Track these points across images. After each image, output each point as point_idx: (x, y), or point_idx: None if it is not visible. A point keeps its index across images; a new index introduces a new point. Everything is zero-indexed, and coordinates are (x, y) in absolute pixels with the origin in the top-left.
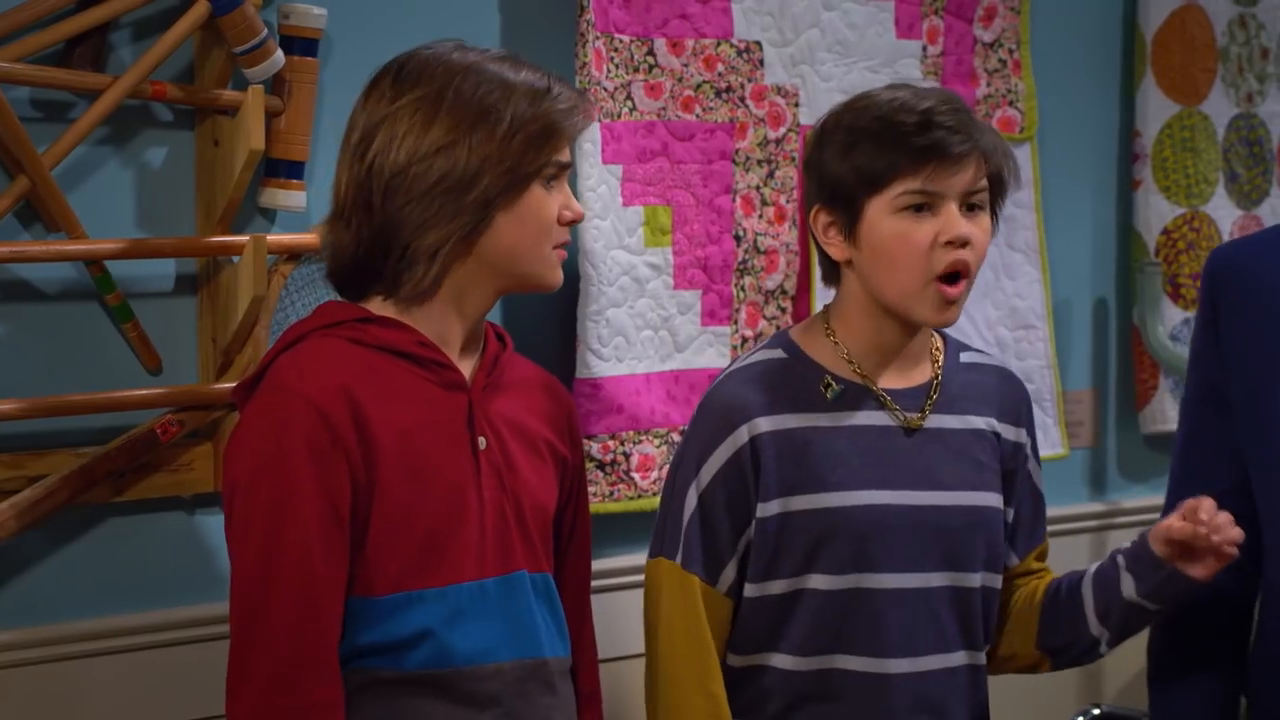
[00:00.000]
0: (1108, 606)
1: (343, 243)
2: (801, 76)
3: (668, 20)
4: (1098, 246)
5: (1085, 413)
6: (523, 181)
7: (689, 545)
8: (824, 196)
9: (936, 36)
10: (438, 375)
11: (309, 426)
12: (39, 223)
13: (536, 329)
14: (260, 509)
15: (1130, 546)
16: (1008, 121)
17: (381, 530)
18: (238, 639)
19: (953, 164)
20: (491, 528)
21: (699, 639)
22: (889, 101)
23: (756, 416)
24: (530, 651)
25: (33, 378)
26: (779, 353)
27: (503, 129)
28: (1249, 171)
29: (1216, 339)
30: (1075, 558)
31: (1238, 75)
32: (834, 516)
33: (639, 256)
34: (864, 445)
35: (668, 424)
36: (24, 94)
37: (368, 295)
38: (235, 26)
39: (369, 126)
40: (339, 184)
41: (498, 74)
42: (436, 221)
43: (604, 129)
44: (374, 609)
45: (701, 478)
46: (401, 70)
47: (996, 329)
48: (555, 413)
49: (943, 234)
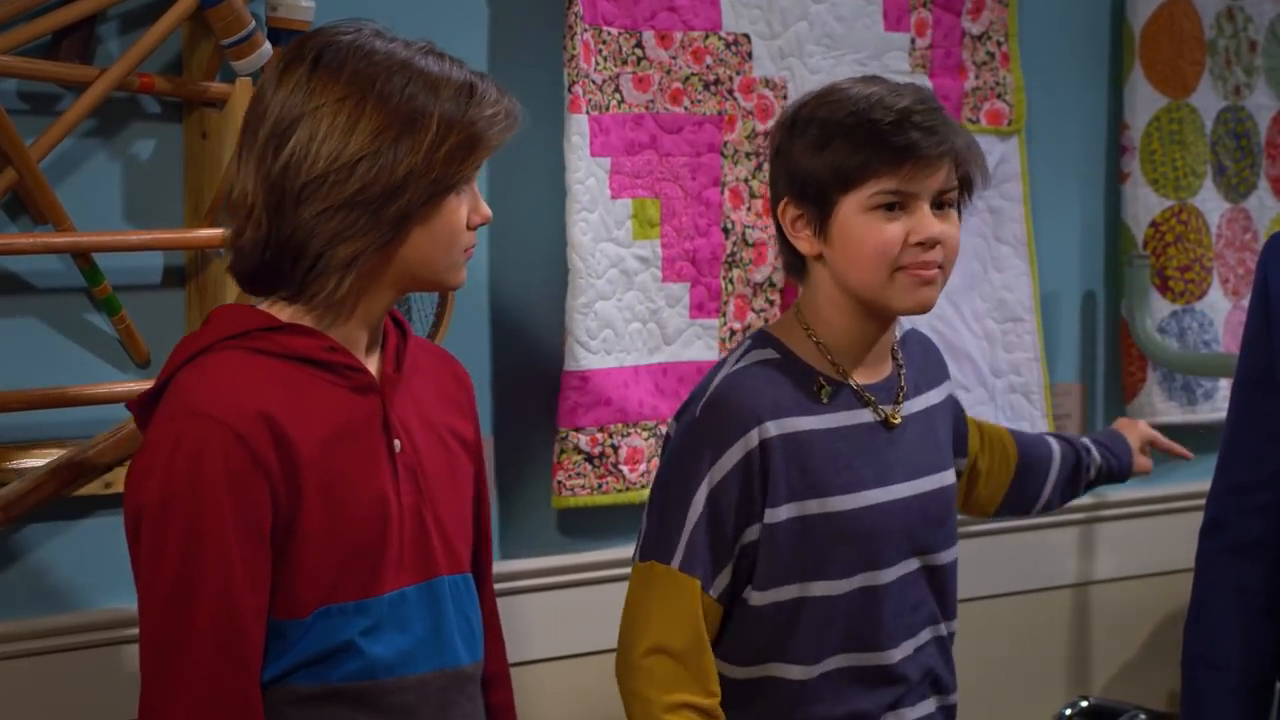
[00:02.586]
0: (1067, 489)
1: (250, 242)
2: (790, 69)
3: (656, 13)
4: (1086, 239)
5: (1073, 405)
6: (442, 193)
7: (692, 548)
8: (793, 190)
9: (925, 29)
10: (348, 379)
11: (226, 451)
12: (26, 215)
13: (524, 321)
14: (174, 534)
15: (1104, 441)
16: (996, 114)
17: (305, 550)
18: (151, 676)
19: (927, 165)
20: (410, 534)
21: (700, 644)
22: (864, 98)
23: (766, 419)
24: (450, 660)
25: (20, 370)
26: (770, 351)
27: (429, 138)
28: (1237, 164)
29: (1267, 322)
30: (1063, 551)
31: (1225, 68)
32: (844, 520)
33: (627, 249)
34: (857, 445)
35: (656, 416)
36: (11, 86)
37: (271, 295)
38: (223, 19)
39: (283, 120)
40: (245, 178)
41: (424, 73)
42: (353, 234)
43: (592, 121)
44: (298, 629)
45: (712, 478)
46: (320, 59)
47: (984, 321)
48: (457, 393)
49: (914, 234)
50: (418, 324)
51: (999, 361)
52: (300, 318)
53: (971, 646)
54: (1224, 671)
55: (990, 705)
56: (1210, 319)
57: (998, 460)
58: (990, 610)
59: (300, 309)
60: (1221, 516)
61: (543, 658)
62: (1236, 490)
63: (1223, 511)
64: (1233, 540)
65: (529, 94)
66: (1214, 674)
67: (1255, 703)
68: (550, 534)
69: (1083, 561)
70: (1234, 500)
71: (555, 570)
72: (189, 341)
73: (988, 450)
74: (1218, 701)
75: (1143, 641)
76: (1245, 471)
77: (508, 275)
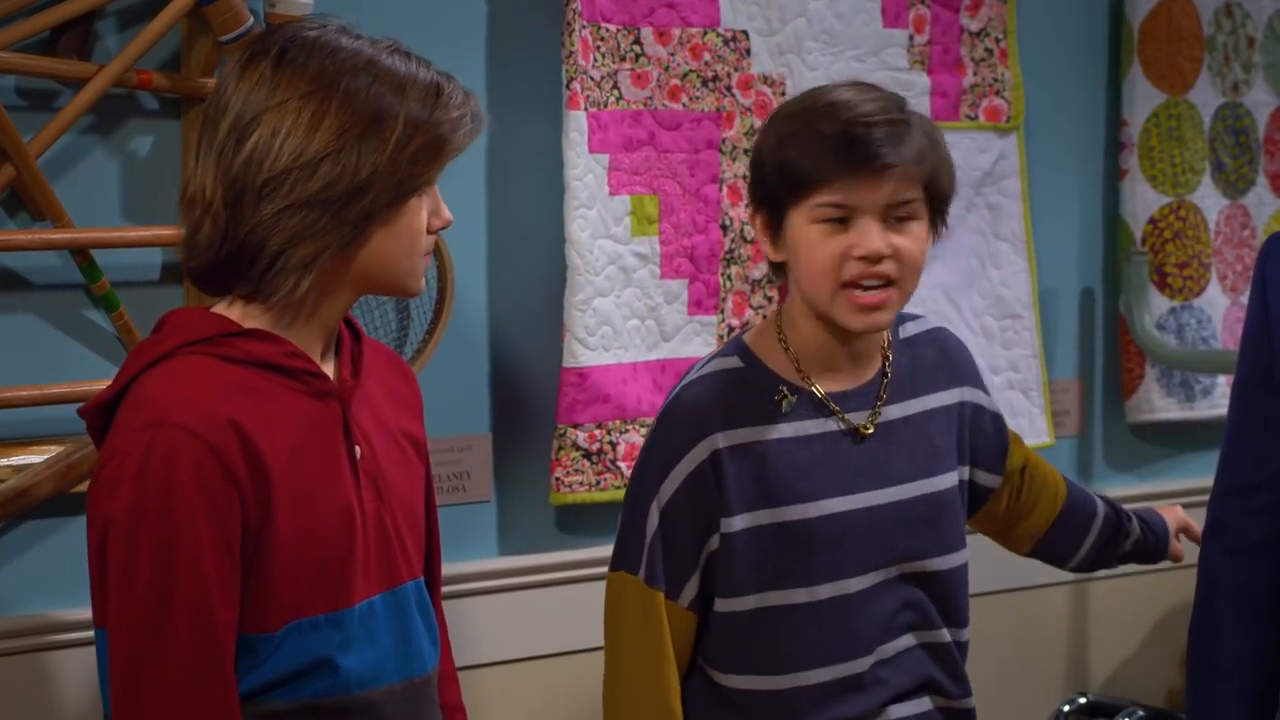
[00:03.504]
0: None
1: (206, 238)
2: (788, 65)
3: (654, 9)
4: (1084, 235)
5: (1071, 402)
6: (406, 195)
7: (652, 561)
8: (754, 194)
9: (923, 25)
10: (308, 385)
11: (199, 462)
12: (24, 211)
13: (522, 318)
14: (146, 548)
15: (1144, 517)
16: (994, 111)
17: (275, 562)
18: (126, 694)
19: (871, 177)
20: (375, 542)
21: (661, 654)
22: (819, 107)
23: (716, 431)
24: (418, 669)
25: (19, 367)
26: (735, 360)
27: (394, 138)
28: (1235, 161)
29: (1266, 321)
30: None
31: (1224, 64)
32: (800, 529)
33: (625, 246)
34: (820, 453)
35: (654, 413)
36: (9, 82)
37: (227, 296)
38: (221, 15)
39: (245, 114)
40: (203, 172)
41: (390, 72)
42: (313, 234)
43: (590, 118)
44: (268, 644)
45: (663, 493)
46: (284, 54)
47: (982, 318)
48: (407, 394)
49: (855, 249)
50: (416, 322)
51: (997, 358)
52: (255, 319)
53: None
54: (1229, 674)
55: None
56: (1208, 315)
57: (1045, 501)
58: (989, 607)
59: (256, 309)
60: (1223, 518)
61: (541, 654)
62: (1238, 492)
63: (1224, 513)
64: (1235, 542)
65: (527, 90)
66: (1219, 677)
67: (1261, 705)
68: (548, 530)
69: None
70: (1235, 502)
71: (553, 567)
72: (147, 347)
73: (1035, 486)
74: (1224, 704)
75: (1141, 639)
76: (1246, 473)
77: (506, 272)
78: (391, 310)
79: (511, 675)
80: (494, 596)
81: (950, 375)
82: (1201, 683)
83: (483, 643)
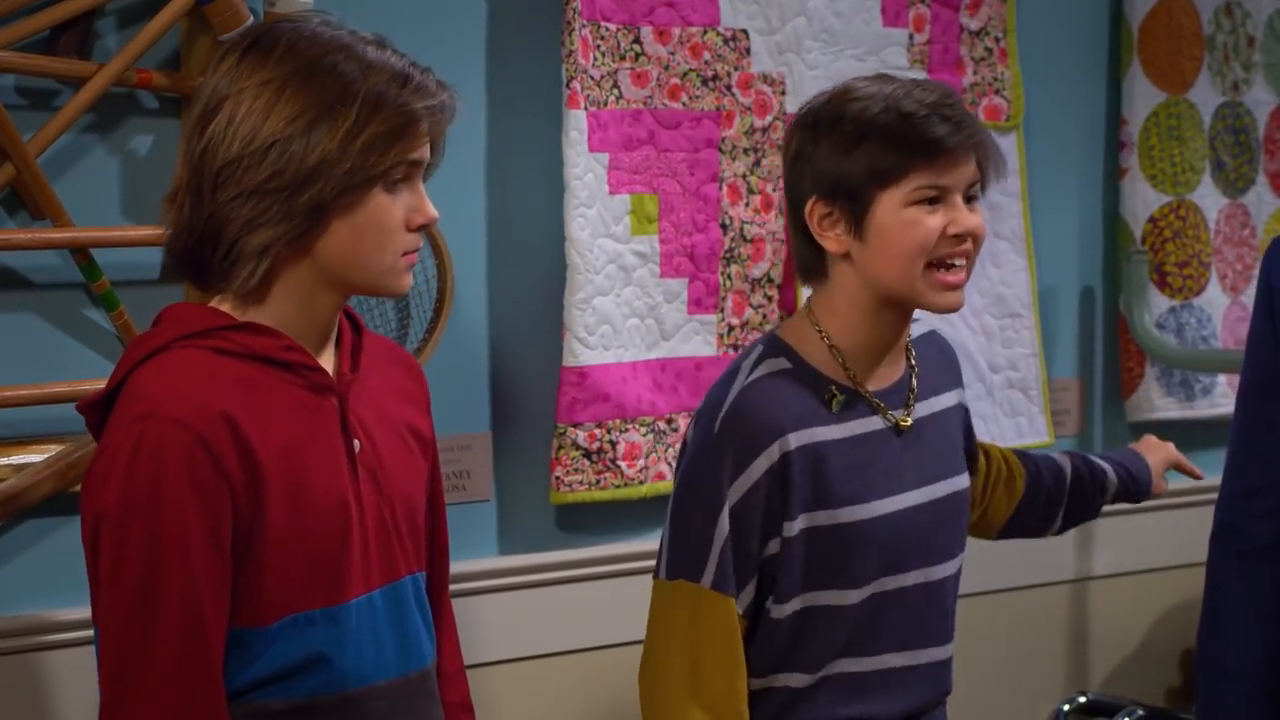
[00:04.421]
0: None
1: (174, 226)
2: (788, 64)
3: (654, 8)
4: (1084, 234)
5: (1071, 401)
6: (362, 186)
7: (723, 566)
8: (822, 189)
9: (923, 24)
10: (305, 379)
11: (189, 454)
12: (24, 210)
13: (522, 317)
14: (135, 542)
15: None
16: (994, 109)
17: (269, 557)
18: (115, 689)
19: (961, 158)
20: (374, 536)
21: (735, 662)
22: (892, 95)
23: (788, 431)
24: (415, 664)
25: (19, 366)
26: (783, 361)
27: (346, 125)
28: (1235, 160)
29: (1272, 324)
30: (1062, 546)
31: (1224, 64)
32: (851, 530)
33: (625, 245)
34: (869, 453)
35: (654, 412)
36: (9, 81)
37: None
38: (221, 14)
39: (210, 101)
40: (178, 163)
41: (358, 59)
42: (265, 221)
43: (590, 117)
44: (261, 639)
45: (733, 496)
46: (256, 43)
47: (982, 317)
48: (413, 389)
49: (952, 226)
50: (416, 321)
51: (997, 357)
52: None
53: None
54: (1239, 677)
55: (989, 701)
56: (1208, 314)
57: (1001, 482)
58: (989, 606)
59: (238, 303)
60: (1231, 521)
61: (542, 653)
62: (1245, 494)
63: (1232, 516)
64: (1243, 545)
65: (527, 89)
66: (1229, 680)
67: (1272, 707)
68: (548, 530)
69: (1081, 557)
70: (1243, 504)
71: (554, 566)
72: (142, 341)
73: (992, 472)
74: (1233, 706)
75: (1141, 637)
76: (1253, 476)
77: (506, 271)
78: (391, 309)
79: (511, 675)
80: (494, 596)
81: (952, 376)
82: (1211, 685)
83: (483, 642)
